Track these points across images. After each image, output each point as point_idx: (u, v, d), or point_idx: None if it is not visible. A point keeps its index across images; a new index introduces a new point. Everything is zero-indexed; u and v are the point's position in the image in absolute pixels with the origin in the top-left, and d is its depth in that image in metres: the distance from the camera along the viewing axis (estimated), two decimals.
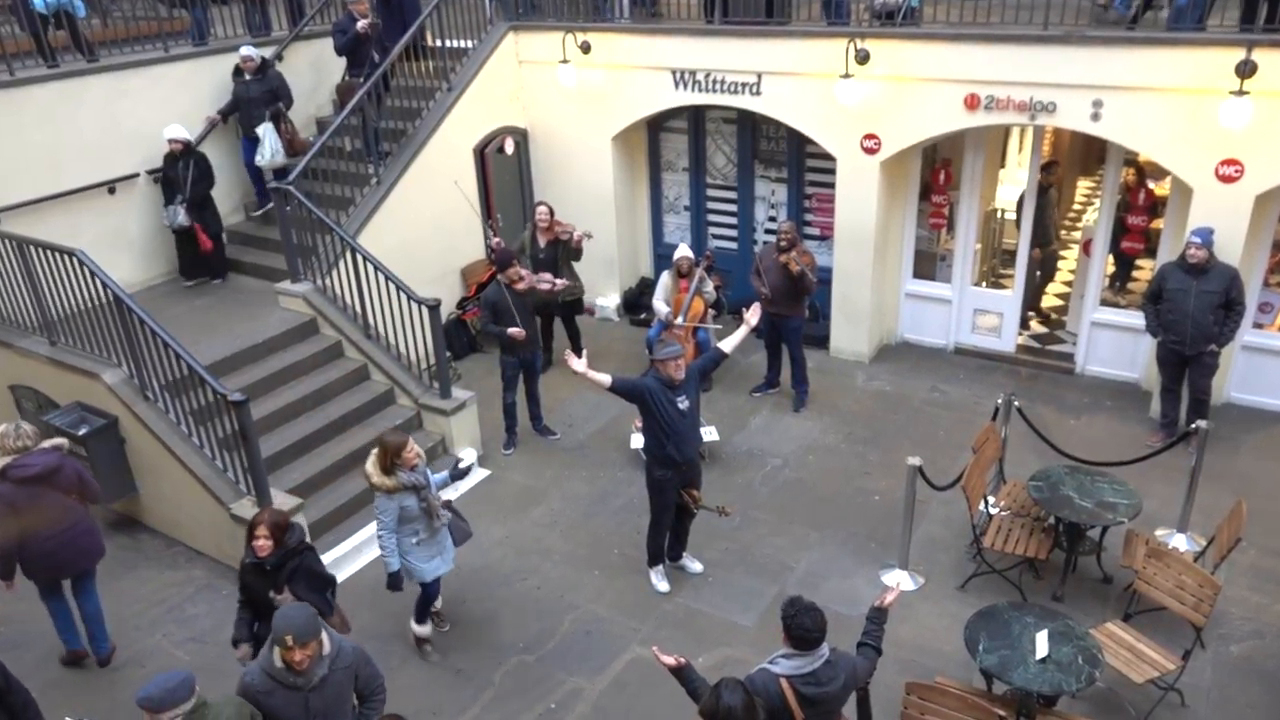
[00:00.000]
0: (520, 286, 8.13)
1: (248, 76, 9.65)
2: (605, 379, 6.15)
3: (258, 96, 9.61)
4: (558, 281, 8.44)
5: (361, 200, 9.40)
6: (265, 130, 9.60)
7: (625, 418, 8.97)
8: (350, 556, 7.28)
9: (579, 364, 6.15)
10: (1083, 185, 13.75)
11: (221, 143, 10.02)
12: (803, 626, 4.19)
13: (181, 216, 9.09)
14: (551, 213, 9.35)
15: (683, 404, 6.26)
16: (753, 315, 6.49)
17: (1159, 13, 8.71)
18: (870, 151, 9.13)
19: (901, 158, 9.36)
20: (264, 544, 5.18)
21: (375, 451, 5.83)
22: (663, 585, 6.86)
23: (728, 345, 6.48)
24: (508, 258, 8.11)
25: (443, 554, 6.12)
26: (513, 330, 8.02)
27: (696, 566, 7.02)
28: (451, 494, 8.05)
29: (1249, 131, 7.56)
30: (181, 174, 9.01)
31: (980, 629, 5.33)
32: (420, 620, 6.35)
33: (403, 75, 9.99)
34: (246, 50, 9.61)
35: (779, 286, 8.66)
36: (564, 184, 10.90)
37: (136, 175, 9.33)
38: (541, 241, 9.35)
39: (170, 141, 9.01)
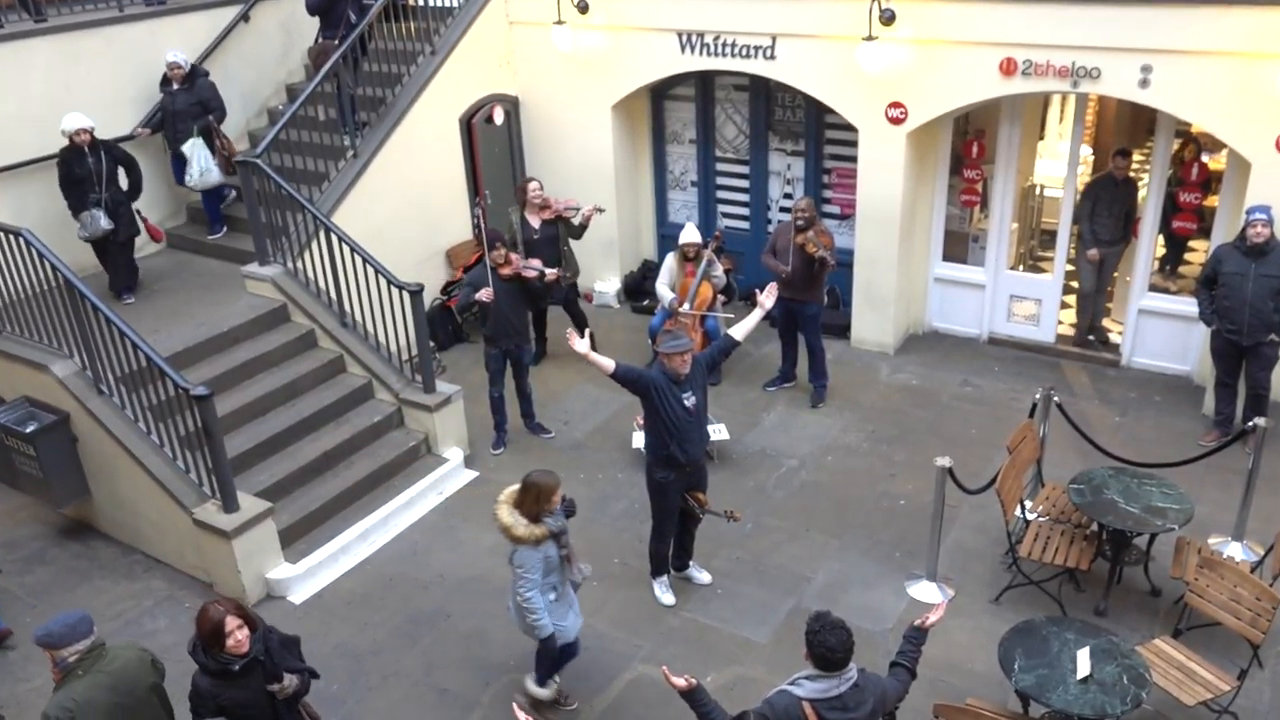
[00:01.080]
0: (505, 272, 8.12)
1: (175, 86, 9.24)
2: (609, 363, 6.16)
3: (184, 109, 9.24)
4: (549, 272, 8.41)
5: (336, 175, 9.39)
6: (193, 146, 9.24)
7: (626, 414, 8.97)
8: (325, 566, 7.29)
9: (581, 344, 6.15)
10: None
11: (150, 161, 9.57)
12: (827, 645, 4.17)
13: (104, 220, 8.43)
14: (542, 187, 9.32)
15: (689, 401, 6.24)
16: (768, 297, 6.48)
17: None
18: (896, 121, 9.11)
19: (930, 128, 9.34)
20: (242, 636, 4.56)
21: (516, 494, 5.43)
22: (667, 598, 6.87)
23: (739, 331, 6.44)
24: (493, 239, 8.11)
25: (573, 605, 5.75)
26: (482, 294, 7.96)
27: (704, 577, 7.02)
28: (436, 499, 8.07)
29: None
30: (94, 170, 8.36)
31: (1016, 646, 5.33)
32: (543, 681, 5.96)
33: (381, 37, 9.96)
34: (173, 56, 9.25)
35: (795, 270, 8.65)
36: (559, 157, 10.88)
37: None
38: (535, 221, 9.33)
39: (74, 134, 8.26)
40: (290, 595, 7.11)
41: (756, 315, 6.47)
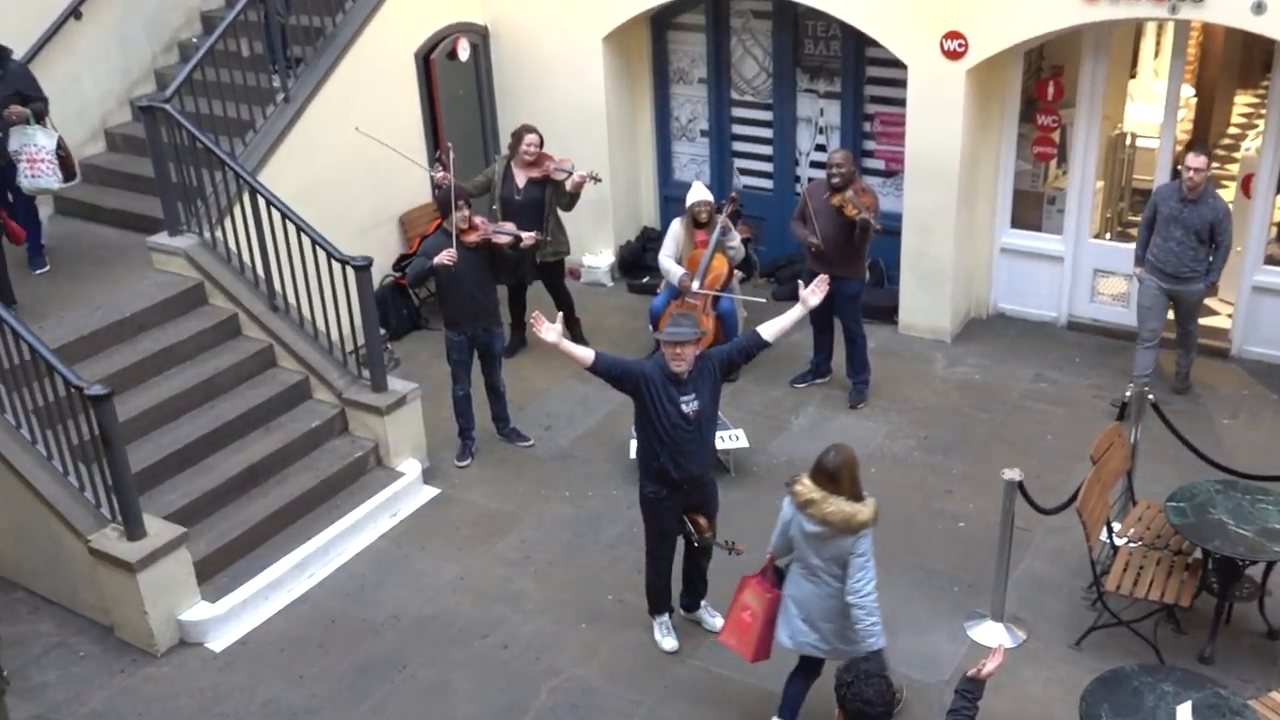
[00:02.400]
0: (471, 239, 8.10)
1: None
2: (586, 354, 6.17)
3: None
4: (526, 235, 8.38)
5: (264, 124, 9.37)
6: (25, 135, 8.42)
7: (621, 416, 8.95)
8: (252, 605, 7.28)
9: (551, 331, 6.15)
10: (1241, 102, 13.69)
11: None
12: (863, 699, 4.18)
13: None
14: (541, 142, 9.32)
15: (689, 405, 6.18)
16: (813, 293, 6.39)
17: None
18: (954, 56, 9.09)
19: (996, 65, 9.31)
20: None
21: (821, 483, 5.53)
22: (668, 642, 6.87)
23: (771, 331, 6.34)
24: (455, 196, 8.06)
25: None
26: (442, 256, 7.91)
27: (717, 623, 6.96)
28: (388, 522, 8.07)
29: None
30: None
31: (1102, 700, 5.32)
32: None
33: None
34: None
35: (830, 239, 8.64)
36: (538, 102, 10.85)
37: None
38: (520, 179, 9.32)
39: None
40: (209, 641, 7.08)
41: (795, 314, 6.38)
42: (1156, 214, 8.44)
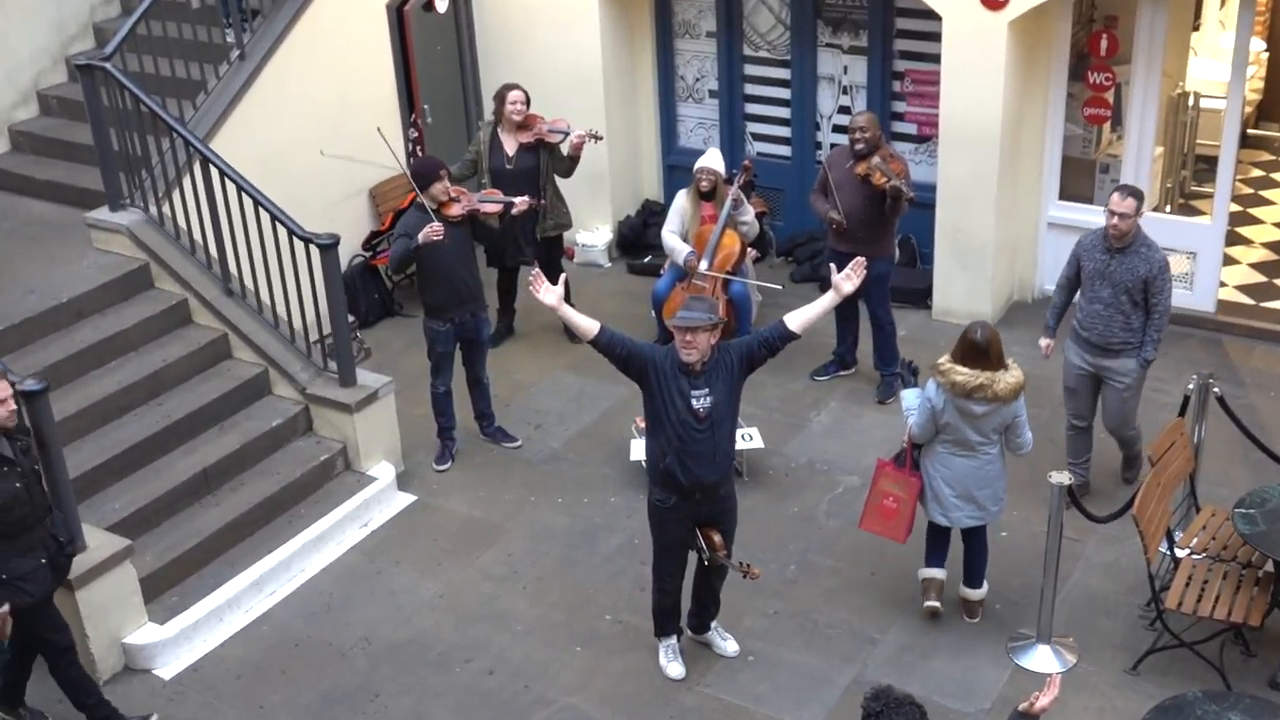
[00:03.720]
0: (454, 212, 8.09)
1: None
2: (591, 325, 6.17)
3: None
4: (518, 200, 8.37)
5: (217, 85, 9.34)
6: None
7: (620, 412, 8.98)
8: (205, 627, 7.29)
9: (551, 293, 6.15)
10: None
11: None
12: None
13: None
14: (528, 101, 9.31)
15: (700, 401, 6.15)
16: (847, 279, 6.35)
17: None
18: (994, 5, 9.07)
19: (1042, 16, 9.30)
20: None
21: (982, 349, 6.42)
22: (674, 668, 6.86)
23: (798, 321, 6.28)
24: (431, 169, 8.06)
25: None
26: (428, 231, 7.85)
27: (730, 647, 7.01)
28: (358, 533, 8.06)
29: None
30: None
31: None
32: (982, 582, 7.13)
33: None
34: None
35: (854, 213, 8.63)
36: (526, 59, 10.83)
37: None
38: (510, 145, 9.32)
39: None
40: (157, 667, 7.09)
41: (826, 302, 6.36)
42: (1079, 270, 7.64)
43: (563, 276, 6.68)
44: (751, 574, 6.60)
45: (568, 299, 9.81)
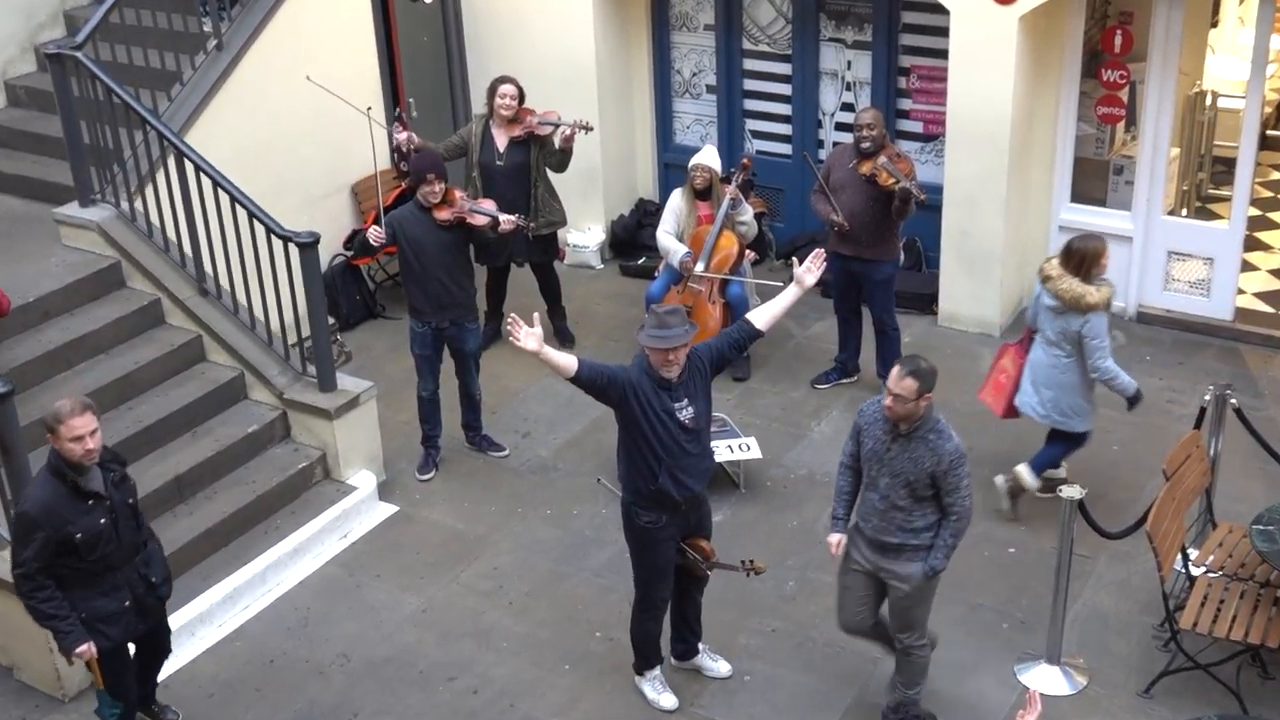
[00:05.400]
0: (443, 216, 8.06)
1: None
2: (570, 363, 6.13)
3: None
4: (505, 218, 8.32)
5: (193, 75, 9.35)
6: None
7: (612, 422, 8.69)
8: (176, 642, 7.17)
9: (531, 338, 6.09)
10: None
11: None
12: None
13: None
14: (521, 95, 9.28)
15: (685, 413, 6.19)
16: (809, 271, 6.41)
17: None
18: (1005, 0, 9.05)
19: (1054, 10, 9.31)
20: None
21: (1059, 263, 7.31)
22: (667, 699, 6.81)
23: (762, 318, 6.43)
24: (427, 166, 8.03)
25: None
26: (370, 235, 7.99)
27: (721, 668, 6.98)
28: (337, 544, 8.02)
29: None
30: None
31: None
32: (1043, 469, 7.82)
33: None
34: None
35: (858, 214, 8.63)
36: (516, 50, 10.85)
37: None
38: (501, 141, 9.30)
39: None
40: None
41: (790, 296, 6.45)
42: (859, 447, 6.33)
43: (535, 316, 6.48)
44: (755, 568, 6.59)
45: (560, 301, 9.92)
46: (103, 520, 5.76)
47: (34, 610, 5.81)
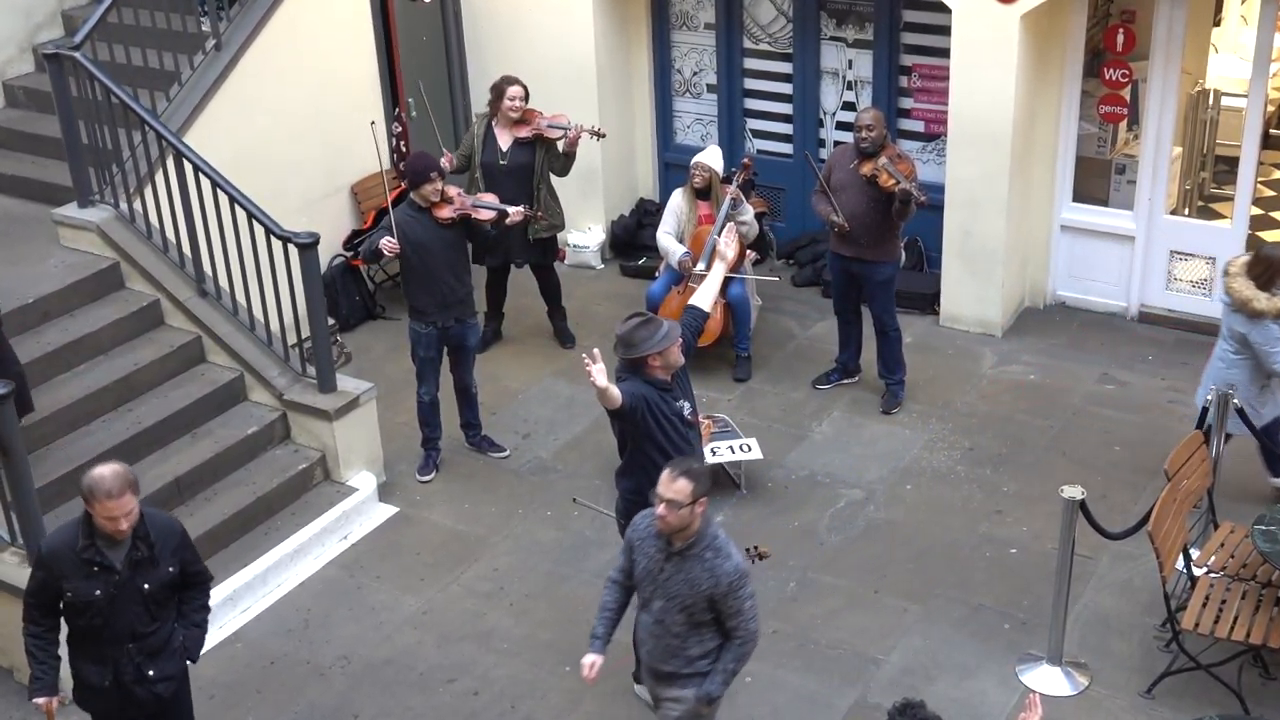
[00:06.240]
0: (445, 214, 8.11)
1: None
2: (618, 396, 6.07)
3: None
4: (512, 209, 8.37)
5: (192, 75, 9.33)
6: None
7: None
8: None
9: (601, 374, 6.01)
10: None
11: None
12: None
13: None
14: (526, 95, 9.33)
15: (686, 409, 6.35)
16: (728, 245, 6.71)
17: None
18: None
19: (1056, 9, 9.33)
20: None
21: (1247, 264, 7.34)
22: None
23: (704, 299, 6.66)
24: (424, 167, 8.07)
25: None
26: (383, 244, 7.96)
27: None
28: (337, 546, 8.06)
29: None
30: None
31: None
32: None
33: None
34: None
35: (858, 215, 8.64)
36: (516, 50, 10.84)
37: None
38: (504, 141, 9.34)
39: None
40: None
41: (718, 272, 6.69)
42: (631, 564, 5.79)
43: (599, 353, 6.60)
44: (761, 553, 6.54)
45: (560, 301, 9.93)
46: (98, 591, 5.40)
47: (24, 639, 5.67)
